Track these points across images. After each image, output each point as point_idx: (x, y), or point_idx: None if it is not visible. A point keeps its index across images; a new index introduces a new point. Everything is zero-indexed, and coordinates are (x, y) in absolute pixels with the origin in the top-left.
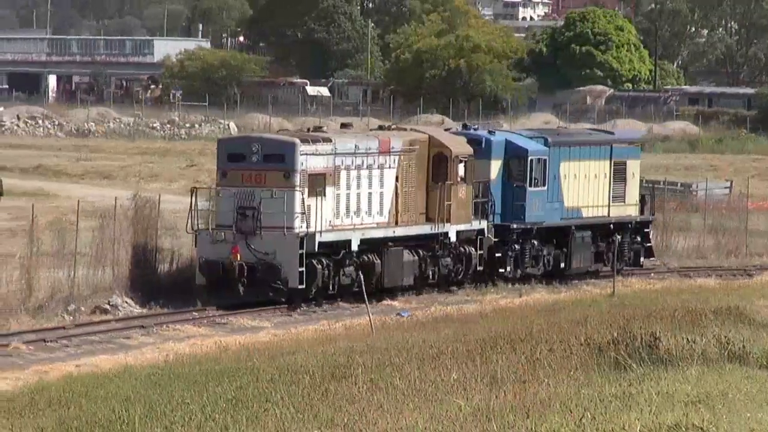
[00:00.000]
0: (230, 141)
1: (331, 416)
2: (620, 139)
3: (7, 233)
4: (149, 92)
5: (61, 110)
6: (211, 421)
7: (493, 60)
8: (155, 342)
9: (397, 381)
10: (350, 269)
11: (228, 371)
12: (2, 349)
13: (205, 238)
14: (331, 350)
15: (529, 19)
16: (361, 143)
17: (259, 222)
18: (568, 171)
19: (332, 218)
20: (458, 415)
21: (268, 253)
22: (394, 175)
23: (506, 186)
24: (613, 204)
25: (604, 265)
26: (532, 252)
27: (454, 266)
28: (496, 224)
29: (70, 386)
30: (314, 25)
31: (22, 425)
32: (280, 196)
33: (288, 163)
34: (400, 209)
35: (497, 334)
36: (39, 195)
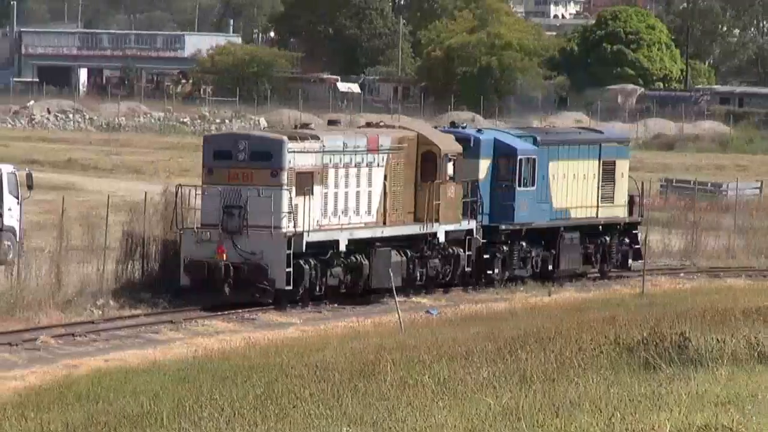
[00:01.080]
0: (216, 138)
1: (360, 414)
2: (609, 138)
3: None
4: (180, 87)
5: (91, 104)
6: (240, 416)
7: (524, 58)
8: (184, 337)
9: (427, 379)
10: (338, 270)
11: (256, 367)
12: (31, 343)
13: (190, 238)
14: (360, 347)
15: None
16: (350, 141)
17: (245, 221)
18: (556, 171)
19: (320, 218)
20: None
21: (254, 253)
22: (382, 173)
23: (495, 186)
24: (602, 205)
25: (592, 267)
26: (521, 253)
27: (442, 267)
28: (485, 225)
29: (99, 381)
30: (345, 21)
31: (51, 419)
32: (267, 195)
33: (275, 161)
34: (389, 209)
35: (526, 332)
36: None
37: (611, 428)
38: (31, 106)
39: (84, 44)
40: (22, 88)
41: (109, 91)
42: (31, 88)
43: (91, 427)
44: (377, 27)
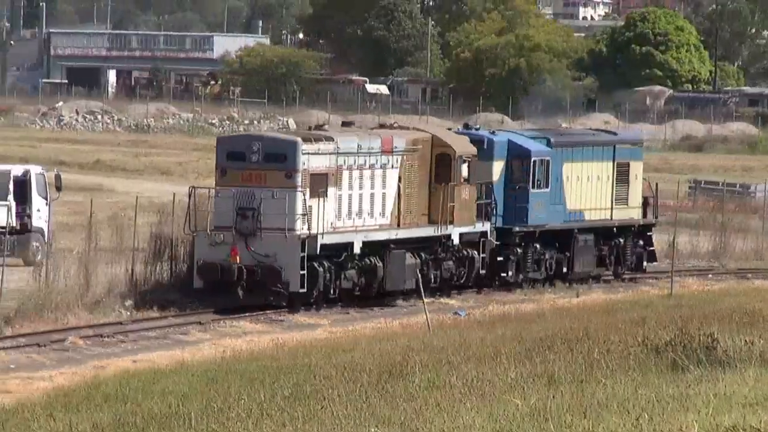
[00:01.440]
0: (230, 139)
1: (388, 414)
2: (623, 139)
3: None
4: (208, 88)
5: (120, 105)
6: (268, 417)
7: (552, 59)
8: (212, 338)
9: (454, 380)
10: (352, 272)
11: (285, 368)
12: (59, 344)
13: (203, 240)
14: (388, 348)
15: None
16: (364, 142)
17: (259, 223)
18: (570, 172)
19: (334, 220)
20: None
21: (268, 255)
22: (396, 175)
23: (508, 187)
24: (616, 206)
25: (606, 269)
26: (534, 256)
27: (456, 270)
28: (498, 227)
29: (127, 382)
30: (374, 23)
31: (79, 420)
32: (281, 197)
33: (289, 162)
34: (403, 210)
35: (554, 333)
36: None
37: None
38: (60, 107)
39: (113, 45)
40: (50, 89)
41: (138, 92)
42: (59, 89)
43: (119, 428)
44: (406, 28)
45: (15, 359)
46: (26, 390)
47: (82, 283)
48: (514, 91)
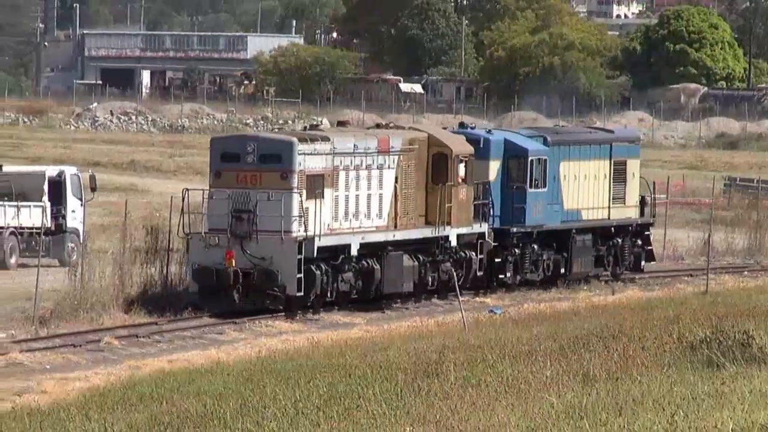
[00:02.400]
0: (224, 140)
1: (423, 413)
2: (620, 137)
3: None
4: (242, 88)
5: (154, 106)
6: (303, 417)
7: (586, 57)
8: (247, 338)
9: (490, 378)
10: (349, 275)
11: (320, 367)
12: (95, 344)
13: (198, 243)
14: (423, 347)
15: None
16: (360, 142)
17: (254, 225)
18: (567, 171)
19: (330, 221)
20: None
21: (264, 258)
22: (393, 175)
23: (505, 187)
24: (614, 206)
25: (604, 270)
26: (532, 257)
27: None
28: (495, 227)
29: (162, 381)
30: (408, 22)
31: (114, 420)
32: (277, 199)
33: (285, 163)
34: (400, 212)
35: (590, 331)
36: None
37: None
38: (94, 108)
39: (147, 46)
40: (85, 90)
41: (172, 93)
42: (94, 90)
43: (155, 427)
44: (440, 27)
45: (50, 360)
46: (62, 390)
47: (117, 283)
48: (548, 89)
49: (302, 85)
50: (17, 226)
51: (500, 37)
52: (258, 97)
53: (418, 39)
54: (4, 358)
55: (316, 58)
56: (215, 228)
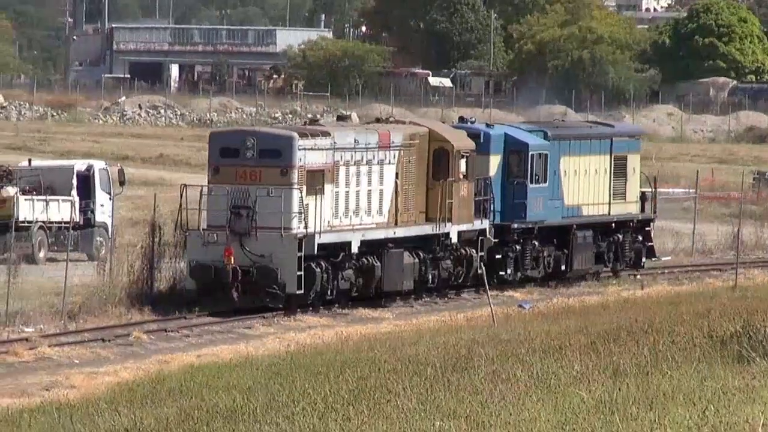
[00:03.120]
0: (223, 135)
1: (453, 408)
2: (620, 132)
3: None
4: (271, 82)
5: (182, 100)
6: (333, 411)
7: (615, 51)
8: (276, 332)
9: (520, 373)
10: (349, 273)
11: (349, 362)
12: (124, 338)
13: (196, 240)
14: (452, 341)
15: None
16: (361, 137)
17: (254, 222)
18: (568, 166)
19: (331, 218)
20: (581, 406)
21: (263, 255)
22: (394, 171)
23: (506, 183)
24: (614, 201)
25: (604, 266)
26: (533, 253)
27: (454, 269)
28: (496, 223)
29: (191, 376)
30: (437, 16)
31: (144, 415)
32: (276, 195)
33: (285, 158)
34: (400, 208)
35: (619, 325)
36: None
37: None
38: (123, 102)
39: (175, 40)
40: (113, 84)
41: (201, 87)
42: (122, 84)
43: (184, 422)
44: (469, 21)
45: (79, 354)
46: (91, 385)
47: (146, 278)
48: (577, 83)
49: (331, 79)
50: (46, 220)
51: (529, 30)
52: (287, 91)
53: (446, 33)
54: (32, 352)
55: (345, 51)
56: (214, 224)
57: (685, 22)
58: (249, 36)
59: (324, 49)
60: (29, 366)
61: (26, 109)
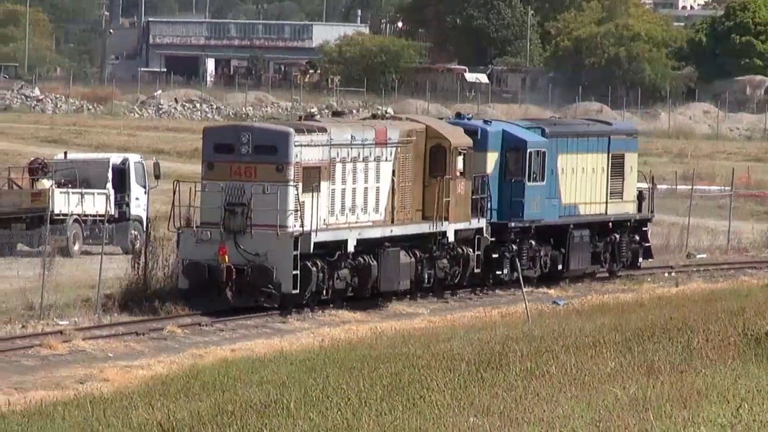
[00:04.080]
0: (217, 130)
1: (487, 404)
2: (618, 130)
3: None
4: (307, 77)
5: (218, 94)
6: (367, 406)
7: (652, 49)
8: (310, 327)
9: (553, 369)
10: (345, 272)
11: (383, 357)
12: (158, 332)
13: (189, 238)
14: (487, 337)
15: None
16: (357, 133)
17: (249, 220)
18: (565, 164)
19: (327, 216)
20: (614, 404)
21: (258, 254)
22: (390, 168)
23: (503, 181)
24: (611, 200)
25: (601, 266)
26: (530, 252)
27: (450, 269)
28: (493, 222)
29: (225, 370)
30: (474, 12)
31: (177, 408)
32: (272, 192)
33: (281, 155)
34: (397, 206)
35: (654, 323)
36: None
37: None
38: (159, 95)
39: (212, 34)
40: (149, 78)
41: (237, 81)
42: (158, 78)
43: (218, 416)
44: (505, 17)
45: (113, 348)
46: (125, 378)
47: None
48: (613, 80)
49: (367, 74)
50: (81, 213)
51: (566, 27)
52: (323, 86)
53: (483, 29)
54: (67, 345)
55: (381, 47)
56: (207, 222)
57: (722, 20)
58: (285, 31)
59: (360, 44)
60: (63, 359)
61: (62, 102)
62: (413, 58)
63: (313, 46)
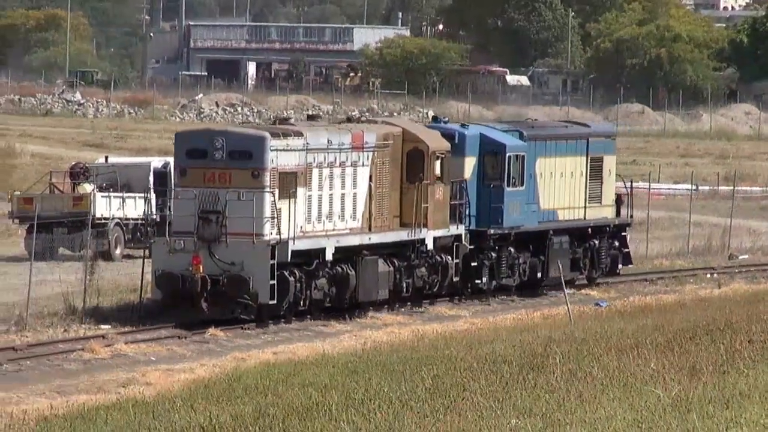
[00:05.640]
0: (190, 134)
1: (529, 406)
2: (596, 132)
3: None
4: (348, 80)
5: (259, 97)
6: (409, 408)
7: (693, 50)
8: (352, 330)
9: (595, 371)
10: (323, 281)
11: (425, 359)
12: (200, 336)
13: (162, 247)
14: (529, 339)
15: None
16: (334, 137)
17: (223, 228)
18: (544, 168)
19: (304, 223)
20: (657, 405)
21: (234, 263)
22: (367, 173)
23: (481, 186)
24: (590, 205)
25: (580, 273)
26: (509, 260)
27: (429, 277)
28: (471, 229)
29: (267, 373)
30: (514, 14)
31: (220, 411)
32: (248, 199)
33: (256, 160)
34: (374, 213)
35: (696, 324)
36: None
37: None
38: (200, 99)
39: (252, 37)
40: (190, 81)
41: (278, 84)
42: (199, 81)
43: (260, 419)
44: (546, 19)
45: (155, 351)
46: (167, 382)
47: None
48: (654, 81)
49: (408, 76)
50: (122, 217)
51: (607, 29)
52: (364, 88)
53: (524, 31)
54: (109, 349)
55: (422, 49)
56: (180, 231)
57: (763, 21)
58: (326, 34)
59: (401, 47)
60: (106, 363)
61: (103, 107)
62: (454, 60)
63: (354, 48)
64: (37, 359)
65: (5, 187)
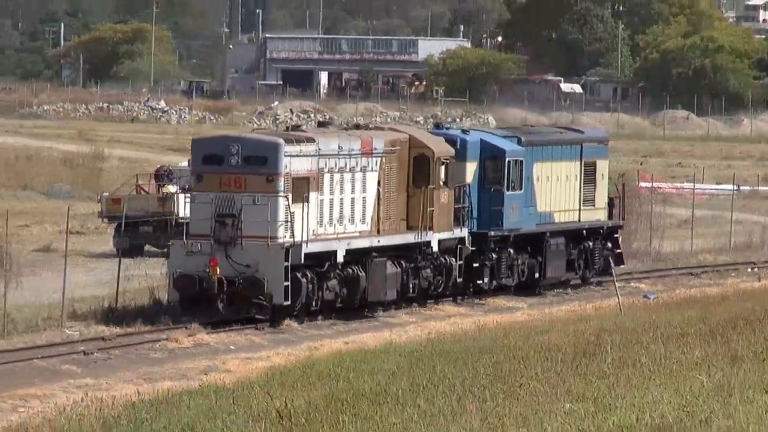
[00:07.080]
0: (206, 141)
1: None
2: (590, 137)
3: None
4: (413, 88)
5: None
6: (470, 394)
7: (735, 60)
8: (417, 321)
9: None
10: (334, 283)
11: (486, 348)
12: (276, 326)
13: (179, 250)
14: (582, 329)
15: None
16: (344, 143)
17: (239, 231)
18: (540, 173)
19: (316, 227)
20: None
21: (249, 265)
22: (376, 178)
23: (482, 190)
24: (584, 208)
25: (575, 274)
26: (508, 261)
27: (434, 278)
28: (473, 231)
29: (339, 361)
30: (568, 27)
31: (294, 397)
32: (262, 203)
33: (271, 165)
34: (382, 216)
35: (737, 315)
36: None
37: None
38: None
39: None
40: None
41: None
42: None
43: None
44: (598, 32)
45: (235, 341)
46: (245, 369)
47: None
48: (699, 89)
49: (469, 85)
50: None
51: (654, 40)
52: (428, 96)
53: (577, 42)
54: (192, 339)
55: (482, 60)
56: (197, 234)
57: None
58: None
59: (462, 57)
60: (188, 352)
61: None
62: (512, 69)
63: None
64: (125, 348)
65: (95, 189)
